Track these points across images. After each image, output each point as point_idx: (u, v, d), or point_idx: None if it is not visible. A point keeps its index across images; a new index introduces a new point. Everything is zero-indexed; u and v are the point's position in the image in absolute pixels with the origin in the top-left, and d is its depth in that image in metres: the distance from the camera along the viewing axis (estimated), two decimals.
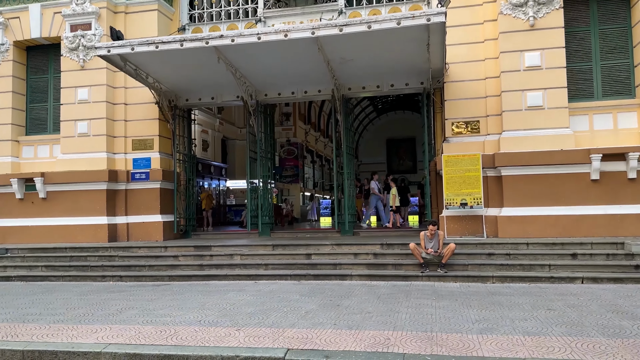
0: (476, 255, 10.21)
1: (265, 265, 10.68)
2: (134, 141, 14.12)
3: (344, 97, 13.35)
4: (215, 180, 25.33)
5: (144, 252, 12.09)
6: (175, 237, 14.22)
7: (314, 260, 10.70)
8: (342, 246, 11.12)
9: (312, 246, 11.29)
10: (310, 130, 36.94)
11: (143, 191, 13.89)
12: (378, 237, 12.37)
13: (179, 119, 14.47)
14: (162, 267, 11.16)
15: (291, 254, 11.06)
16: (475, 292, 8.43)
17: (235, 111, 30.62)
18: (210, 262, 11.06)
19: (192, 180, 14.82)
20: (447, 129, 12.40)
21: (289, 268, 10.52)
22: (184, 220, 14.49)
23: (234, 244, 11.95)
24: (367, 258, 10.58)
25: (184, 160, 14.57)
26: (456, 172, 11.82)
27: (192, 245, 11.98)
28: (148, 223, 13.74)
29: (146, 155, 13.99)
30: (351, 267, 10.25)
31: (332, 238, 12.66)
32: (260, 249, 11.54)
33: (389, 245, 10.89)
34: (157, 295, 8.97)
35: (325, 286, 9.29)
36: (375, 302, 7.69)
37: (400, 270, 10.02)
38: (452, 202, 11.82)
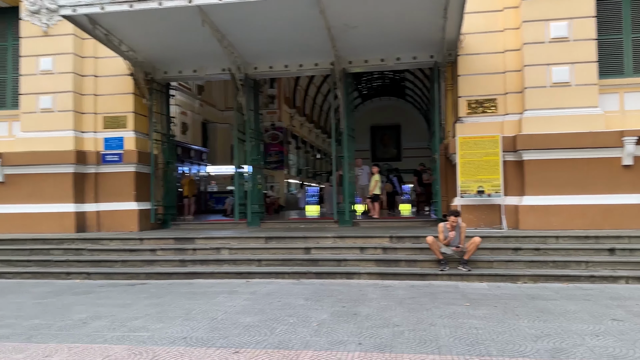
0: (500, 250, 8.96)
1: (259, 261, 9.25)
2: (105, 118, 12.48)
3: (344, 71, 11.90)
4: (196, 165, 23.69)
5: (117, 244, 10.55)
6: (153, 228, 12.68)
7: (315, 256, 9.32)
8: (346, 239, 9.76)
9: (311, 239, 9.91)
10: (296, 115, 35.46)
11: (115, 175, 12.29)
12: (383, 229, 11.05)
13: (157, 95, 12.85)
14: (138, 263, 9.65)
15: (287, 247, 9.66)
16: (511, 295, 7.16)
17: (217, 93, 28.93)
18: (193, 257, 9.59)
19: (171, 164, 13.24)
20: (461, 107, 11.08)
21: (286, 264, 9.12)
22: (162, 208, 12.95)
23: (221, 235, 10.48)
24: (376, 253, 9.24)
25: (162, 140, 12.98)
26: (472, 155, 10.53)
27: (172, 237, 10.48)
28: (121, 211, 12.16)
29: (119, 134, 12.37)
30: (358, 264, 8.90)
31: (331, 229, 11.30)
32: (252, 241, 10.10)
33: (399, 239, 9.57)
34: (131, 298, 7.49)
35: (331, 287, 7.92)
36: (398, 309, 6.35)
37: (415, 267, 8.71)
38: (467, 189, 10.54)
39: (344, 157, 11.97)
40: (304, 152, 40.08)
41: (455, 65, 11.35)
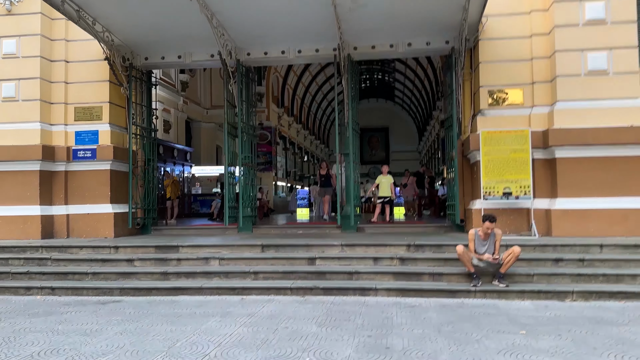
0: (539, 262, 7.69)
1: (255, 273, 7.85)
2: (77, 109, 10.98)
3: (349, 57, 10.58)
4: (179, 165, 22.15)
5: (87, 253, 9.05)
6: (131, 233, 11.19)
7: (320, 267, 7.95)
8: (355, 247, 8.42)
9: (314, 247, 8.54)
10: (284, 115, 34.09)
11: (88, 173, 10.80)
12: (394, 236, 9.74)
13: (136, 83, 11.40)
14: (111, 276, 8.18)
15: (288, 257, 8.27)
16: (567, 317, 5.88)
17: (202, 90, 27.45)
18: (177, 269, 8.15)
19: (152, 162, 11.77)
20: (482, 99, 9.84)
21: (287, 278, 7.74)
22: (141, 211, 11.47)
23: (209, 243, 9.06)
24: (392, 264, 7.91)
25: (141, 135, 11.51)
26: (498, 152, 9.29)
27: (152, 245, 9.02)
28: (95, 215, 10.67)
29: (93, 127, 10.88)
30: (373, 277, 7.56)
31: (334, 236, 9.96)
32: (246, 250, 8.70)
33: (418, 247, 8.25)
34: (100, 322, 6.04)
35: (344, 307, 6.56)
36: (440, 340, 5.02)
37: (441, 281, 7.39)
38: (492, 190, 9.28)
39: (348, 154, 10.63)
40: (292, 154, 38.70)
41: (476, 52, 10.12)
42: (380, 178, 12.59)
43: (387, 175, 12.61)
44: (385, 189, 12.45)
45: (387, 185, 12.47)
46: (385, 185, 12.48)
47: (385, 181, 12.52)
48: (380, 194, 12.53)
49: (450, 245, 8.21)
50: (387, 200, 12.55)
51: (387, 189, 12.45)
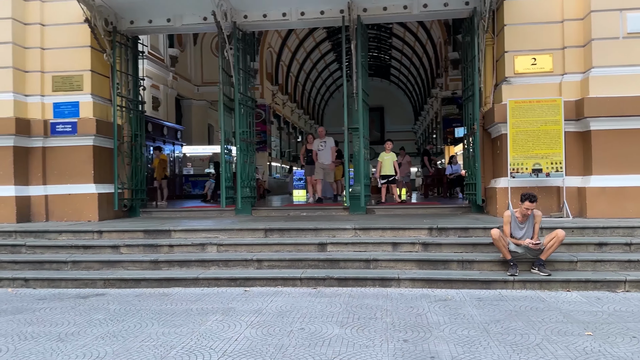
0: (579, 247, 6.81)
1: (258, 261, 6.90)
2: (55, 78, 9.86)
3: (359, 20, 9.50)
4: (169, 144, 21.05)
5: (68, 239, 8.05)
6: (117, 216, 10.19)
7: (332, 254, 7.01)
8: (370, 231, 7.49)
9: (324, 231, 7.60)
10: (278, 93, 32.92)
11: (69, 150, 9.74)
12: (410, 218, 8.83)
13: (121, 50, 10.27)
14: (94, 265, 7.19)
15: (294, 243, 7.32)
16: (630, 313, 5.01)
17: (192, 65, 26.22)
18: (169, 257, 7.17)
19: (139, 137, 10.70)
20: (507, 65, 8.85)
21: (295, 266, 6.81)
22: (129, 192, 10.44)
23: (205, 227, 8.09)
24: (414, 250, 6.99)
25: (127, 107, 10.43)
26: (527, 124, 8.34)
27: (141, 230, 8.03)
28: (77, 196, 9.64)
29: (73, 98, 9.79)
30: (393, 266, 6.64)
31: (343, 219, 9.02)
32: (247, 234, 7.74)
33: (441, 231, 7.34)
34: (78, 322, 5.07)
35: (365, 300, 5.64)
36: (492, 345, 4.11)
37: (471, 270, 6.49)
38: (520, 167, 8.35)
39: (358, 128, 9.63)
40: (286, 134, 37.63)
41: (499, 14, 9.10)
42: (383, 155, 11.59)
43: (391, 153, 11.63)
44: (389, 167, 11.46)
45: (390, 163, 11.47)
46: (388, 163, 11.48)
47: (389, 159, 11.51)
48: (383, 173, 11.54)
49: (477, 228, 7.32)
50: (392, 180, 11.58)
51: (390, 167, 11.46)
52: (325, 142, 12.00)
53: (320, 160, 11.91)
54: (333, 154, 12.02)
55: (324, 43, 38.53)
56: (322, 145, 11.98)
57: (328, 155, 11.87)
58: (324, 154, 11.90)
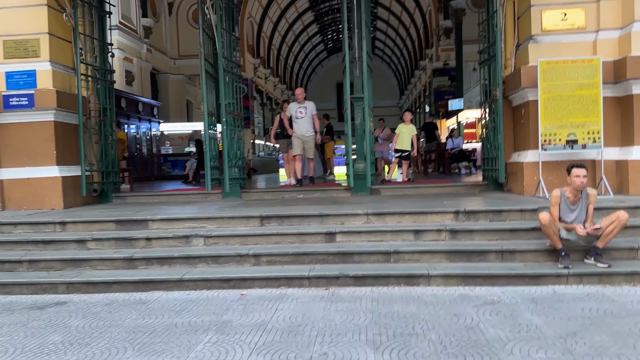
0: (636, 230, 5.78)
1: (255, 256, 5.73)
2: (6, 43, 8.40)
3: None
4: (146, 121, 19.56)
5: (24, 232, 6.76)
6: (87, 203, 8.89)
7: (344, 246, 5.87)
8: (385, 217, 6.36)
9: (330, 217, 6.44)
10: (260, 67, 31.39)
11: (26, 127, 8.35)
12: (423, 199, 7.74)
13: (84, 9, 8.82)
14: (56, 264, 5.94)
15: (297, 232, 6.15)
16: None
17: (168, 37, 24.56)
18: (147, 253, 5.94)
19: (109, 112, 9.33)
20: (533, 22, 7.68)
21: (300, 261, 5.66)
22: (99, 174, 9.12)
23: (188, 214, 6.86)
24: (441, 239, 5.89)
25: (94, 77, 9.02)
26: (559, 89, 7.23)
27: (112, 220, 6.76)
28: (37, 180, 8.31)
29: (29, 66, 8.36)
30: (419, 259, 5.54)
31: (349, 201, 7.87)
32: (239, 223, 6.54)
33: (470, 215, 6.25)
34: (30, 345, 3.87)
35: (394, 307, 4.53)
36: None
37: (513, 262, 5.42)
38: (552, 138, 7.27)
39: (363, 98, 8.42)
40: (269, 110, 36.17)
41: None
42: (401, 127, 10.42)
43: (410, 125, 10.45)
44: (406, 140, 10.32)
45: (408, 137, 10.33)
46: (406, 136, 10.33)
47: (407, 131, 10.35)
48: (399, 147, 10.40)
49: (512, 210, 6.25)
50: (406, 155, 10.46)
51: (407, 141, 10.32)
52: (305, 107, 9.72)
53: (299, 132, 9.69)
54: (316, 123, 9.80)
55: (306, 13, 36.92)
56: (302, 111, 9.70)
57: (309, 124, 9.66)
58: (304, 123, 9.63)
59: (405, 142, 10.32)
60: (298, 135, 9.74)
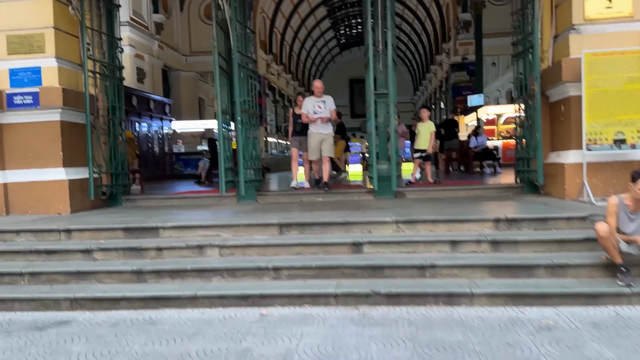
0: None
1: (275, 270, 5.20)
2: (10, 38, 7.96)
3: None
4: (157, 119, 19.17)
5: (27, 241, 6.31)
6: (95, 206, 8.44)
7: (372, 258, 5.32)
8: (416, 225, 5.81)
9: (355, 225, 5.90)
10: (272, 63, 30.89)
11: (31, 127, 7.92)
12: (456, 204, 7.17)
13: (92, 2, 8.35)
14: (59, 277, 5.47)
15: (320, 243, 5.62)
16: None
17: (179, 33, 24.14)
18: (157, 265, 5.44)
19: (118, 110, 8.87)
20: (575, 10, 7.05)
21: (324, 276, 5.12)
22: (108, 176, 8.67)
23: (202, 221, 6.38)
24: (481, 251, 5.32)
25: (102, 74, 8.56)
26: (606, 83, 6.61)
27: (121, 227, 6.27)
28: (43, 183, 7.87)
29: (33, 62, 7.92)
30: (458, 273, 4.97)
31: (372, 206, 7.33)
32: (256, 231, 6.03)
33: (511, 223, 5.67)
34: None
35: (436, 332, 3.98)
36: None
37: (565, 277, 4.83)
38: (598, 137, 6.65)
39: (386, 94, 7.86)
40: (281, 107, 35.70)
41: None
42: (419, 126, 9.86)
43: (428, 122, 9.87)
44: (424, 139, 9.76)
45: (426, 135, 9.76)
46: (425, 135, 9.77)
47: (425, 130, 9.81)
48: (418, 147, 9.83)
49: (558, 218, 5.66)
50: (427, 155, 9.89)
51: (426, 139, 9.75)
52: (324, 102, 8.81)
53: (317, 128, 8.73)
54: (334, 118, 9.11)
55: (319, 8, 36.31)
56: (321, 106, 8.74)
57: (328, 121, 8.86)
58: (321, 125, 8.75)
59: (424, 141, 9.73)
60: (315, 132, 8.78)
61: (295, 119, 9.51)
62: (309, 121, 8.78)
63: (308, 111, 8.79)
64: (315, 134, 8.81)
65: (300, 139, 9.43)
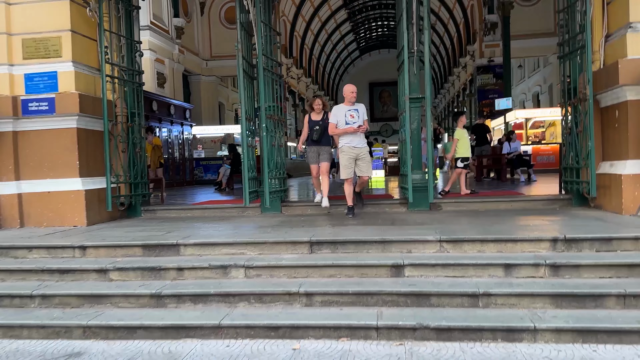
0: None
1: (307, 295, 4.69)
2: (25, 42, 7.61)
3: None
4: (177, 124, 18.88)
5: (40, 257, 5.90)
6: (113, 218, 8.05)
7: (415, 283, 4.76)
8: (463, 245, 5.24)
9: (393, 244, 5.36)
10: (292, 67, 30.56)
11: (46, 134, 7.56)
12: (501, 218, 6.58)
13: (111, 3, 7.97)
14: (72, 300, 5.03)
15: (355, 264, 5.07)
16: None
17: (200, 37, 23.94)
18: (178, 288, 4.97)
19: (138, 117, 8.47)
20: (632, 7, 6.43)
21: (363, 303, 4.58)
22: (126, 186, 8.26)
23: (225, 238, 5.89)
24: (538, 276, 4.72)
25: (121, 79, 8.17)
26: None
27: (139, 244, 5.82)
28: (58, 194, 7.49)
29: (50, 67, 7.56)
30: (516, 303, 4.39)
31: (408, 221, 6.78)
32: (284, 249, 5.53)
33: (570, 243, 5.06)
34: None
35: None
36: None
37: (638, 307, 4.23)
38: None
39: (421, 98, 7.32)
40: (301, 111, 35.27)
41: None
42: (461, 133, 9.31)
43: (460, 130, 9.34)
44: (467, 145, 9.23)
45: (467, 143, 9.25)
46: (466, 142, 9.25)
47: (465, 136, 9.31)
48: (460, 154, 9.26)
49: (624, 238, 5.05)
50: (468, 164, 9.37)
51: (468, 147, 9.25)
52: (357, 110, 7.19)
53: (350, 142, 7.11)
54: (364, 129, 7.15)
55: (339, 12, 35.88)
56: (354, 115, 7.11)
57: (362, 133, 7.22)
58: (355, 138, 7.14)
59: (467, 148, 9.18)
60: (348, 146, 7.12)
61: (312, 125, 7.99)
62: (338, 133, 7.19)
63: (338, 121, 7.15)
64: (347, 149, 7.13)
65: (319, 149, 7.99)
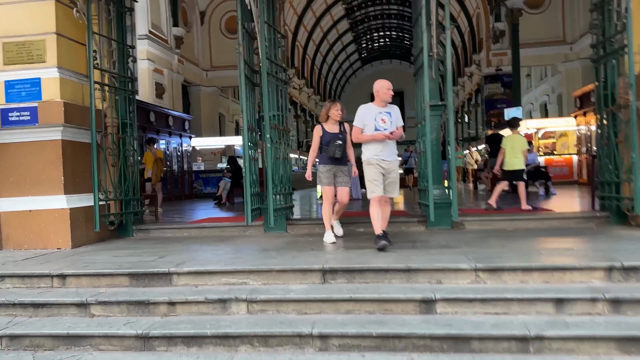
0: None
1: (322, 337, 3.94)
2: (6, 46, 6.94)
3: None
4: (176, 136, 18.20)
5: (13, 288, 5.16)
6: (101, 238, 7.31)
7: (450, 321, 4.01)
8: (502, 274, 4.50)
9: (420, 273, 4.62)
10: (294, 77, 29.97)
11: (28, 147, 6.85)
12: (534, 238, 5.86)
13: (100, 4, 7.30)
14: (46, 342, 4.27)
15: (377, 299, 4.32)
16: None
17: (200, 47, 23.38)
18: (168, 327, 4.22)
19: (129, 128, 7.76)
20: None
21: (387, 347, 3.84)
22: (117, 204, 7.53)
23: (224, 265, 5.14)
24: (596, 312, 3.98)
25: (112, 86, 7.47)
26: None
27: (126, 273, 5.07)
28: (40, 213, 6.77)
29: (32, 73, 6.88)
30: (573, 347, 3.64)
31: (427, 241, 6.05)
32: (293, 279, 4.78)
33: (627, 272, 4.33)
34: None
35: None
36: None
37: None
38: None
39: (442, 106, 6.62)
40: (302, 122, 34.73)
41: None
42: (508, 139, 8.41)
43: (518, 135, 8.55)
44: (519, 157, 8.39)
45: (520, 151, 8.38)
46: (519, 151, 8.37)
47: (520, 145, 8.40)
48: (509, 167, 8.36)
49: None
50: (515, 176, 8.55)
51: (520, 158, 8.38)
52: (389, 113, 5.73)
53: (377, 155, 5.60)
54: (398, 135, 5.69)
55: (342, 22, 35.42)
56: (385, 119, 5.64)
57: (394, 143, 5.78)
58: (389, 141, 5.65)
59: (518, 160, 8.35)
60: (376, 158, 5.62)
61: (327, 139, 6.24)
62: (364, 140, 5.69)
63: (365, 125, 5.66)
64: (374, 162, 5.62)
65: (337, 170, 6.30)
